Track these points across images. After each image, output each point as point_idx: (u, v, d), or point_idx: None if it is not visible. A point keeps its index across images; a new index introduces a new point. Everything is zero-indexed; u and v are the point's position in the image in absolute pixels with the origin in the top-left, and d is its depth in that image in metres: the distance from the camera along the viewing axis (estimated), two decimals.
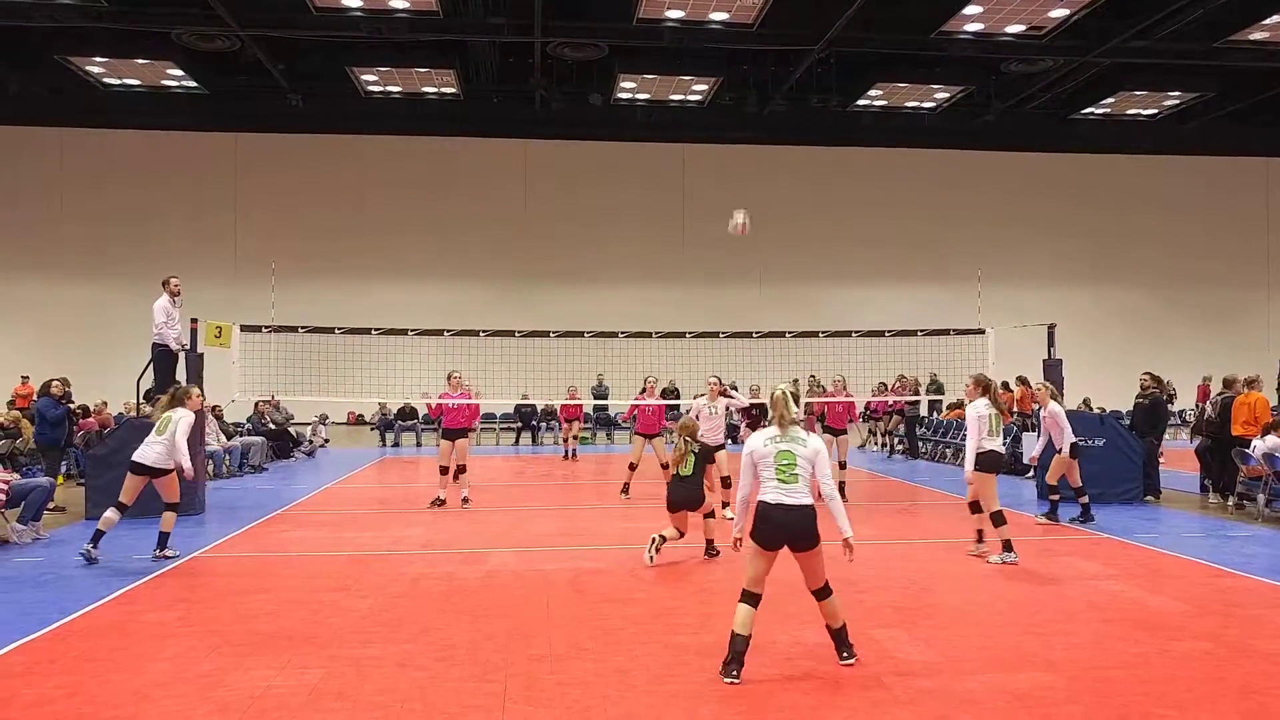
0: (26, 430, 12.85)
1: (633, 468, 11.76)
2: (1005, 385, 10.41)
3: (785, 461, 4.76)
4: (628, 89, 22.57)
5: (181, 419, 7.94)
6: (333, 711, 4.38)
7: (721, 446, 10.13)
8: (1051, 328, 12.10)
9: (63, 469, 12.19)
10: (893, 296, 25.42)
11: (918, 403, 17.80)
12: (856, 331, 13.59)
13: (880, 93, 22.94)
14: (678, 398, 17.00)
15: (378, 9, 17.82)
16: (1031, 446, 10.69)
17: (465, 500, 10.91)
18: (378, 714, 4.35)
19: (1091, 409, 16.32)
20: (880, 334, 13.72)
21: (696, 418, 9.53)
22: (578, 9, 18.52)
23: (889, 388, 17.26)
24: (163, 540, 7.95)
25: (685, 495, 7.75)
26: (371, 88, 22.45)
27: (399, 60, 20.61)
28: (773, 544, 4.76)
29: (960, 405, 17.94)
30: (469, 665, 5.06)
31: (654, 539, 7.69)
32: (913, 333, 13.73)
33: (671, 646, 5.35)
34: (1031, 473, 12.21)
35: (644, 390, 12.53)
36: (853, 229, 26.20)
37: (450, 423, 10.93)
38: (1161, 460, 12.01)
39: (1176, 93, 22.91)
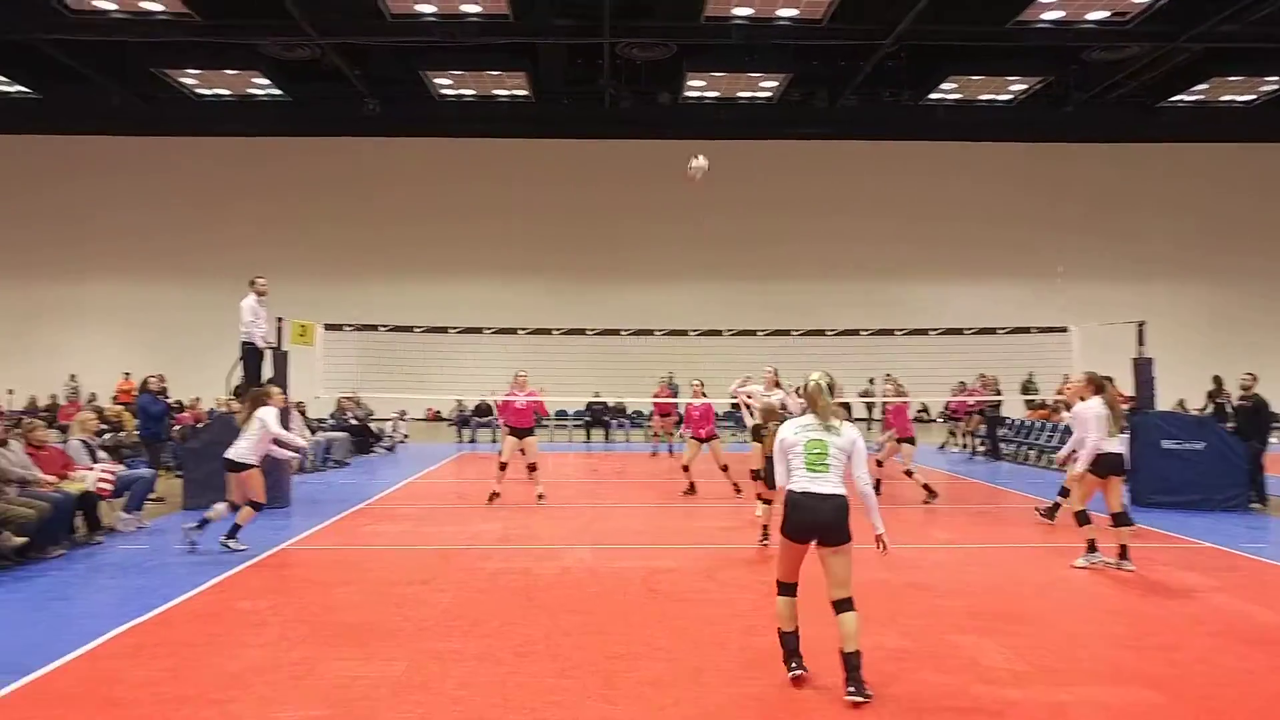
0: (129, 424, 13.55)
1: (685, 469, 11.87)
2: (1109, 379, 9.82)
3: (815, 450, 4.62)
4: (696, 87, 22.50)
5: (271, 413, 8.23)
6: (416, 704, 4.49)
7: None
8: (1141, 325, 11.57)
9: (163, 461, 12.81)
10: (970, 294, 24.71)
11: (1000, 403, 17.22)
12: (934, 329, 13.24)
13: (954, 85, 22.33)
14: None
15: (450, 14, 18.21)
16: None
17: (540, 497, 11.06)
18: (460, 708, 4.44)
19: (1186, 410, 15.57)
20: (959, 332, 13.33)
21: (749, 398, 10.08)
22: (646, 9, 18.56)
23: (968, 387, 16.76)
24: (233, 530, 7.98)
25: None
26: (445, 91, 22.94)
27: (471, 64, 21.04)
28: (801, 536, 4.63)
29: (1044, 406, 17.32)
30: (547, 661, 5.12)
31: (763, 531, 8.23)
32: (993, 330, 13.31)
33: (747, 649, 5.31)
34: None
35: (692, 394, 12.39)
36: (927, 225, 25.55)
37: (517, 421, 11.12)
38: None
39: (1275, 78, 21.62)
